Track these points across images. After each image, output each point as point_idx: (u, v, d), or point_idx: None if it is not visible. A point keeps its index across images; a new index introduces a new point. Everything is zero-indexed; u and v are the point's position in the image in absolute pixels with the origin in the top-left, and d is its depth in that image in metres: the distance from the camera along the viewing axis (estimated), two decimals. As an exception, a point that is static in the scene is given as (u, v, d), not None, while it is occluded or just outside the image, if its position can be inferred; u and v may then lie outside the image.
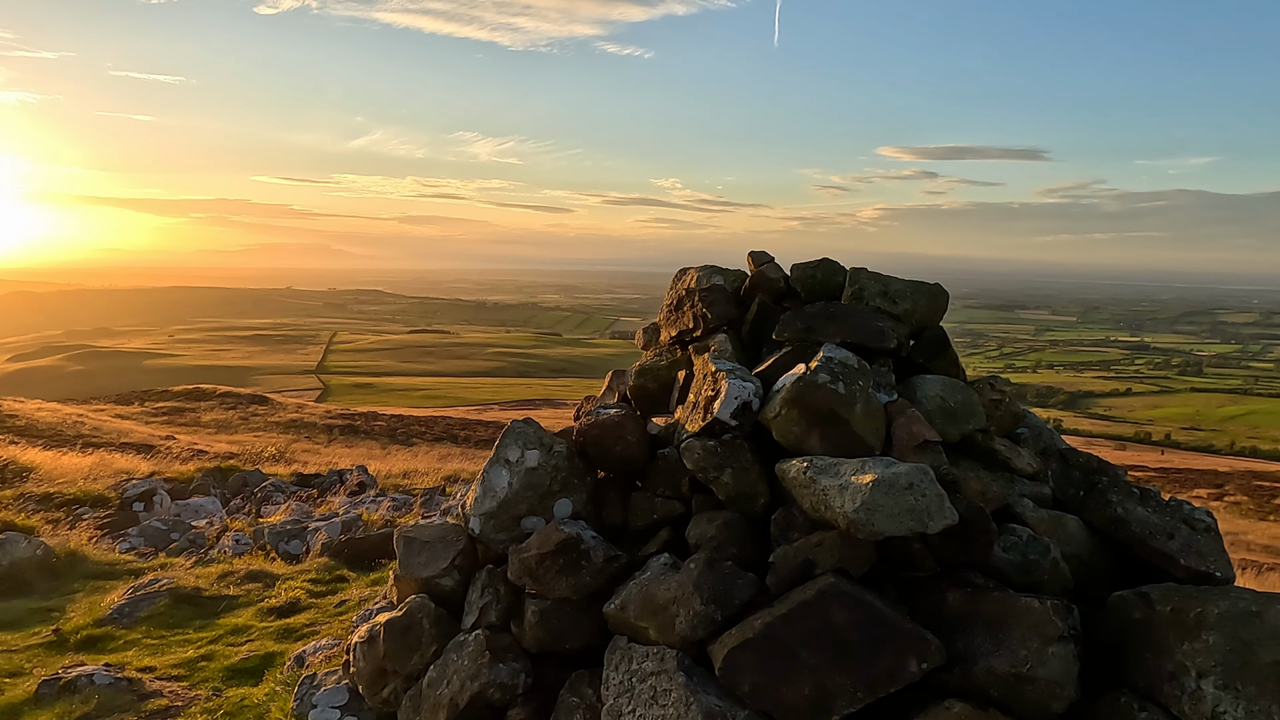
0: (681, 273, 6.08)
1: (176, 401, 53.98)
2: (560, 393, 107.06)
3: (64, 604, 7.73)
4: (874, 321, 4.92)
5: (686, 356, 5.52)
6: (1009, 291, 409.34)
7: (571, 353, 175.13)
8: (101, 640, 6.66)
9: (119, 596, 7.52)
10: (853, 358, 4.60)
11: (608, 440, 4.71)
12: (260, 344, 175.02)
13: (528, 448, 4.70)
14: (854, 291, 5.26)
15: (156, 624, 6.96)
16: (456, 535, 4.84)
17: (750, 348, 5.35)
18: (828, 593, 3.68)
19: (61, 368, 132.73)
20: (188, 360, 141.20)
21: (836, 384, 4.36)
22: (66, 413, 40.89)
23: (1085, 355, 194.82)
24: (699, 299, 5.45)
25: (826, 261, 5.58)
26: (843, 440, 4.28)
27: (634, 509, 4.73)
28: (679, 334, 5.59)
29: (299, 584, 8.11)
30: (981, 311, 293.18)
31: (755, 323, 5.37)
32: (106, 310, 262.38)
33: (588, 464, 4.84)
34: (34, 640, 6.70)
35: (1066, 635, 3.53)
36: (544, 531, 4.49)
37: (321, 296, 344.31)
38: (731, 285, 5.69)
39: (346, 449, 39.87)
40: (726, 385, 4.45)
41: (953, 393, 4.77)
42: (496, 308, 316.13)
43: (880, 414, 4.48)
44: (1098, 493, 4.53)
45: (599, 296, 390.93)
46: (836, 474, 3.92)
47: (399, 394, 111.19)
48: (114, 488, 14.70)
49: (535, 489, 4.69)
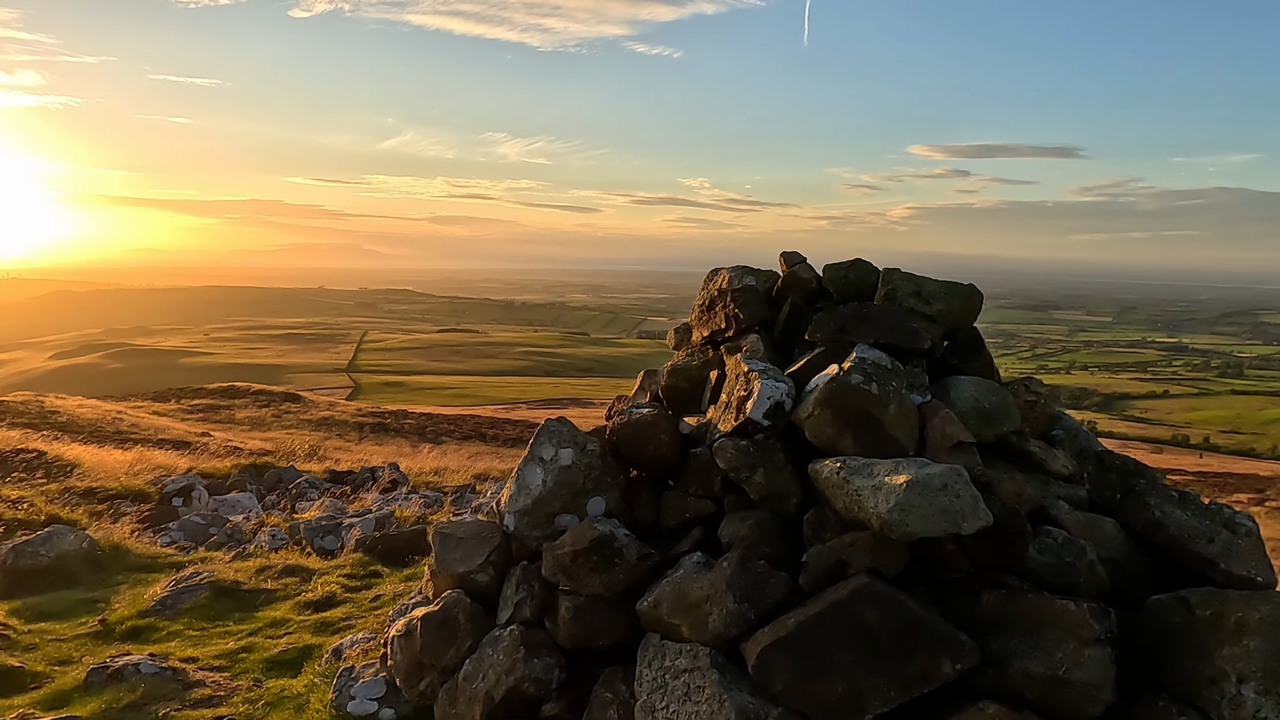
0: (713, 273, 6.10)
1: (211, 399, 54.97)
2: (588, 392, 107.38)
3: (109, 595, 7.95)
4: (907, 322, 4.91)
5: (718, 356, 5.55)
6: (1042, 291, 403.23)
7: (599, 352, 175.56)
8: (145, 631, 6.84)
9: (161, 589, 7.71)
10: (886, 358, 4.60)
11: (641, 439, 4.75)
12: (293, 343, 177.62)
13: (561, 446, 4.76)
14: (887, 292, 5.25)
15: (198, 616, 7.13)
16: (491, 532, 4.91)
17: (782, 348, 5.36)
18: (861, 592, 3.69)
19: (101, 365, 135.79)
20: (222, 358, 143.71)
21: (870, 384, 4.36)
22: (106, 409, 41.85)
23: (1121, 356, 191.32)
24: (731, 299, 5.48)
25: (859, 262, 5.57)
26: (876, 441, 4.29)
27: (666, 508, 4.77)
28: (711, 334, 5.62)
29: (334, 579, 8.26)
30: (1014, 312, 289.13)
31: (787, 323, 5.39)
32: (144, 309, 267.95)
33: (620, 463, 4.89)
34: (81, 630, 6.90)
35: (1103, 638, 3.51)
36: (578, 529, 4.54)
37: (352, 296, 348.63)
38: (763, 286, 5.71)
39: (377, 446, 40.36)
40: (759, 385, 4.48)
41: (987, 394, 4.75)
42: (525, 307, 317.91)
43: (914, 415, 4.47)
44: (1135, 495, 4.48)
45: (626, 296, 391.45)
46: (870, 474, 3.93)
47: (428, 392, 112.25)
48: (153, 483, 15.05)
49: (569, 487, 4.75)
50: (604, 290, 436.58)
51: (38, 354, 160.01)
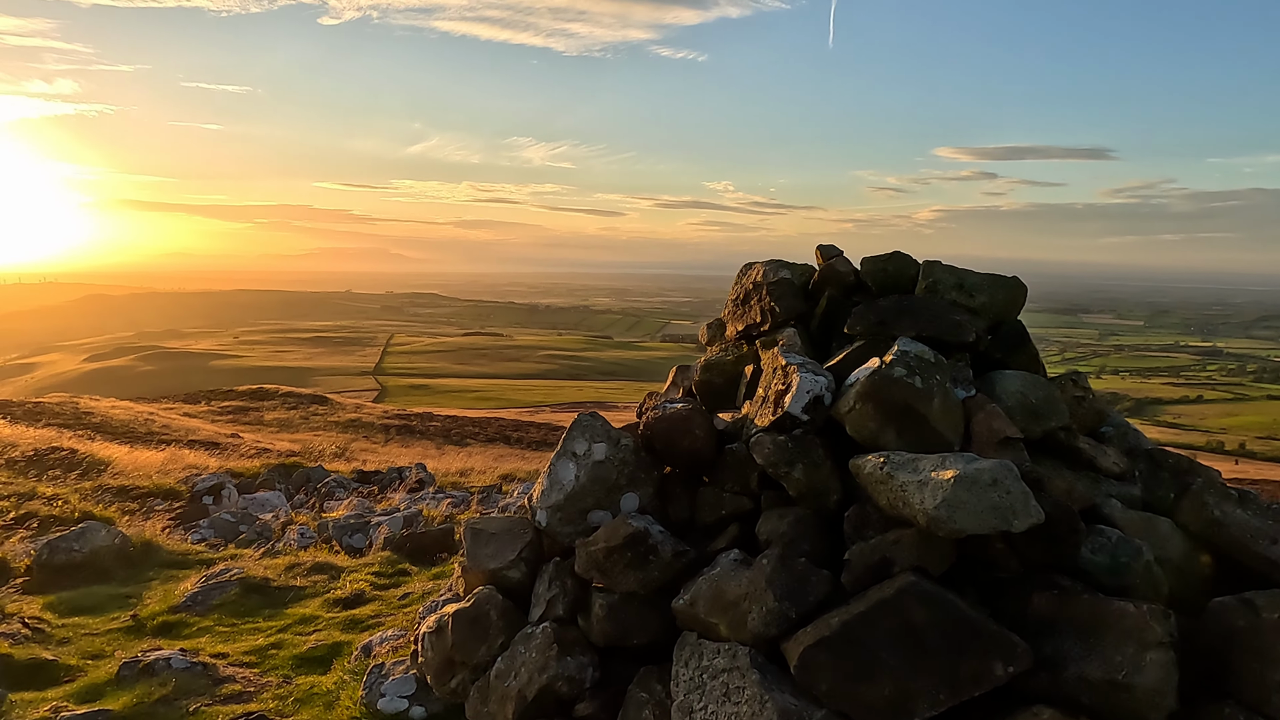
0: (747, 267, 5.99)
1: (241, 401, 55.69)
2: (612, 395, 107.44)
3: (140, 591, 7.99)
4: (950, 315, 4.77)
5: (753, 351, 5.43)
6: (1072, 295, 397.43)
7: (623, 355, 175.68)
8: (176, 626, 6.85)
9: (192, 585, 7.73)
10: (929, 351, 4.47)
11: (675, 434, 4.65)
12: (320, 345, 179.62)
13: (594, 441, 4.67)
14: (928, 285, 5.11)
15: (228, 612, 7.13)
16: (523, 528, 4.84)
17: (819, 343, 5.24)
18: (908, 591, 3.56)
19: (134, 367, 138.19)
20: (251, 361, 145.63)
21: (913, 378, 4.23)
22: (138, 410, 42.54)
23: (1153, 361, 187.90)
24: (766, 292, 5.36)
25: (898, 254, 5.44)
26: (920, 436, 4.15)
27: (701, 504, 4.66)
28: (745, 328, 5.51)
29: (363, 576, 8.24)
30: (1043, 315, 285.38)
31: (824, 317, 5.26)
32: (175, 312, 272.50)
33: (654, 458, 4.79)
34: (114, 625, 6.93)
35: (1165, 641, 3.35)
36: (611, 525, 4.45)
37: (379, 299, 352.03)
38: (799, 279, 5.59)
39: (403, 448, 40.62)
40: (798, 379, 4.36)
41: (1034, 389, 4.59)
42: (549, 311, 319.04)
43: (959, 409, 4.33)
44: (1192, 494, 4.31)
45: (650, 300, 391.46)
46: (915, 470, 3.79)
47: (453, 395, 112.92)
48: (184, 481, 15.20)
49: (602, 482, 4.66)
50: (628, 294, 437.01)
51: (73, 356, 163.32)
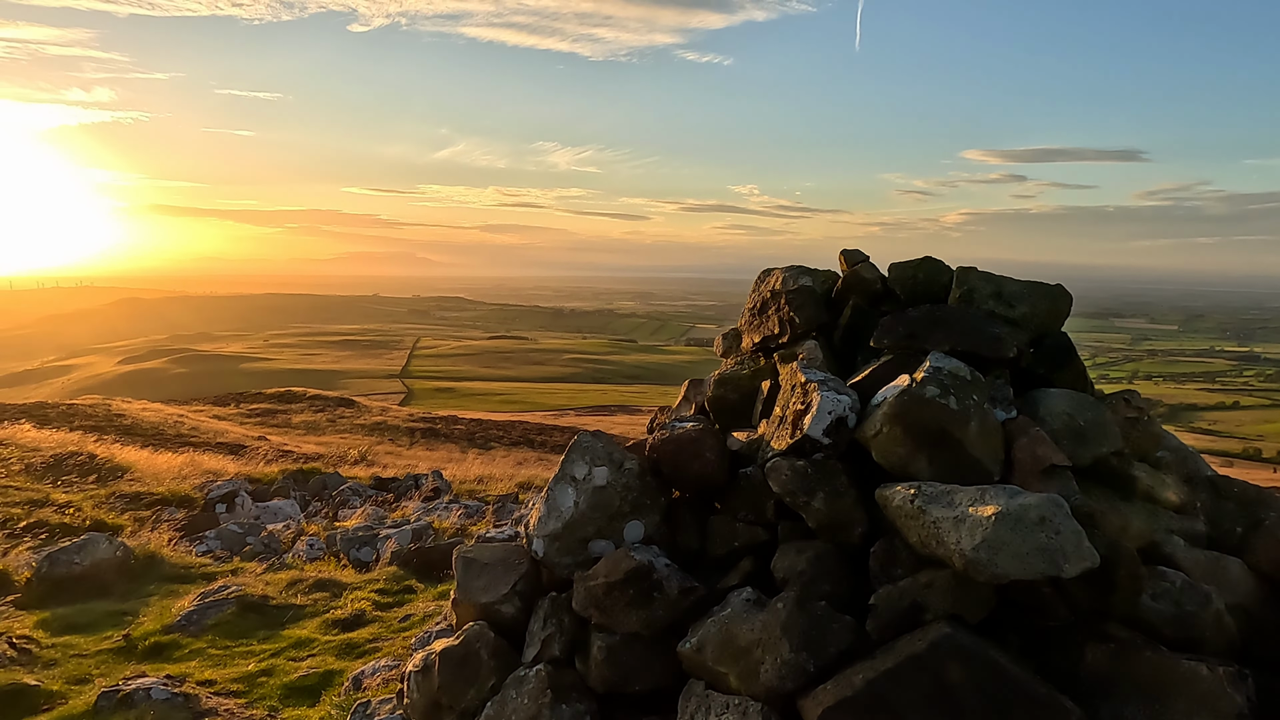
0: (765, 274, 5.58)
1: (269, 403, 56.19)
2: (635, 399, 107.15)
3: (138, 607, 7.74)
4: (988, 327, 4.32)
5: (771, 365, 5.02)
6: (1103, 299, 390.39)
7: (647, 359, 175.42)
8: (168, 648, 6.57)
9: (189, 602, 7.47)
10: (964, 368, 4.03)
11: (684, 458, 4.26)
12: (348, 349, 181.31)
13: (595, 464, 4.28)
14: (963, 294, 4.67)
15: (222, 633, 6.85)
16: (518, 557, 4.47)
17: (843, 356, 4.81)
18: (942, 646, 3.13)
19: (166, 370, 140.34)
20: (281, 364, 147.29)
21: (947, 398, 3.80)
22: (169, 413, 43.02)
23: (1187, 366, 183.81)
24: (785, 302, 4.95)
25: (929, 260, 5.00)
26: (955, 463, 3.72)
27: (712, 534, 4.26)
28: (763, 340, 5.10)
29: (366, 594, 7.93)
30: (1073, 320, 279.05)
31: (849, 328, 4.84)
32: (208, 315, 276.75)
33: (661, 482, 4.40)
34: (104, 645, 6.67)
35: (1245, 712, 2.90)
36: (613, 557, 4.06)
37: (406, 303, 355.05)
38: (821, 287, 5.17)
39: (427, 451, 40.59)
40: (819, 398, 3.94)
41: (1081, 409, 4.13)
42: (573, 314, 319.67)
43: (998, 433, 3.89)
44: (1265, 531, 3.83)
45: (675, 303, 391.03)
46: (950, 504, 3.36)
47: (479, 398, 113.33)
48: (200, 488, 15.06)
49: (603, 510, 4.27)
50: (652, 297, 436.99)
51: (108, 358, 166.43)
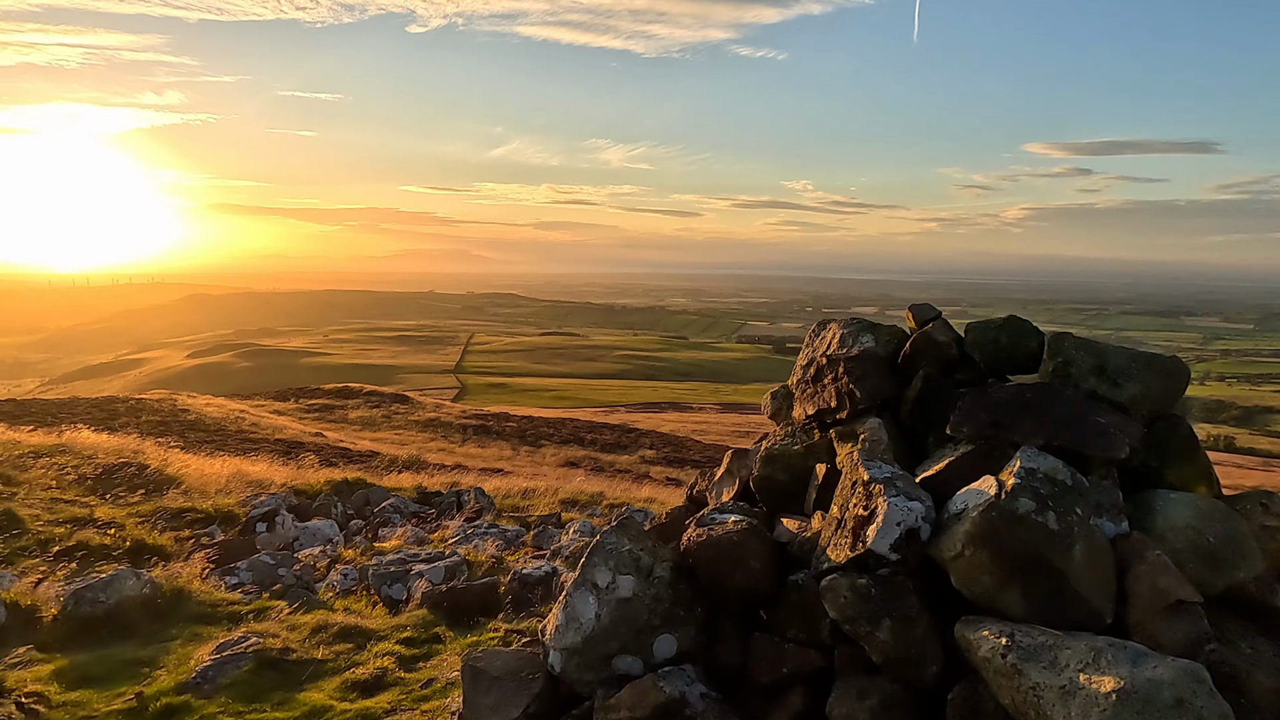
0: (820, 327, 4.94)
1: (327, 399, 57.26)
2: (686, 396, 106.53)
3: (158, 655, 7.44)
4: (1091, 414, 3.61)
5: (827, 441, 4.38)
6: (1173, 296, 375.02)
7: (698, 356, 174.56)
8: (179, 711, 6.21)
9: (207, 654, 7.13)
10: (1064, 469, 3.34)
11: (724, 566, 3.66)
12: (404, 344, 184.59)
13: (620, 571, 3.71)
14: (1057, 366, 3.95)
15: (235, 695, 6.47)
16: (533, 670, 3.92)
17: (912, 435, 4.15)
18: None
19: (231, 364, 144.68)
20: (340, 359, 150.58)
21: (1044, 514, 3.12)
22: (231, 408, 44.04)
23: (1263, 366, 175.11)
24: (844, 370, 4.30)
25: (1013, 321, 4.30)
26: (1055, 599, 3.04)
27: (757, 653, 3.65)
28: (817, 413, 4.46)
29: (391, 646, 7.51)
30: (1140, 318, 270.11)
31: (919, 404, 4.16)
32: (271, 311, 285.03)
33: (696, 589, 3.80)
34: (115, 705, 6.35)
35: None
36: (639, 687, 3.49)
37: (460, 300, 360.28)
38: (885, 349, 4.50)
39: (478, 449, 40.68)
40: (885, 505, 3.30)
41: (1210, 520, 3.40)
42: (624, 311, 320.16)
43: (1108, 558, 3.19)
44: None
45: (726, 300, 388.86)
46: (1054, 664, 2.70)
47: (530, 394, 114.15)
48: (244, 503, 14.95)
49: (629, 623, 3.70)
50: (703, 294, 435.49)
51: (177, 352, 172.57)
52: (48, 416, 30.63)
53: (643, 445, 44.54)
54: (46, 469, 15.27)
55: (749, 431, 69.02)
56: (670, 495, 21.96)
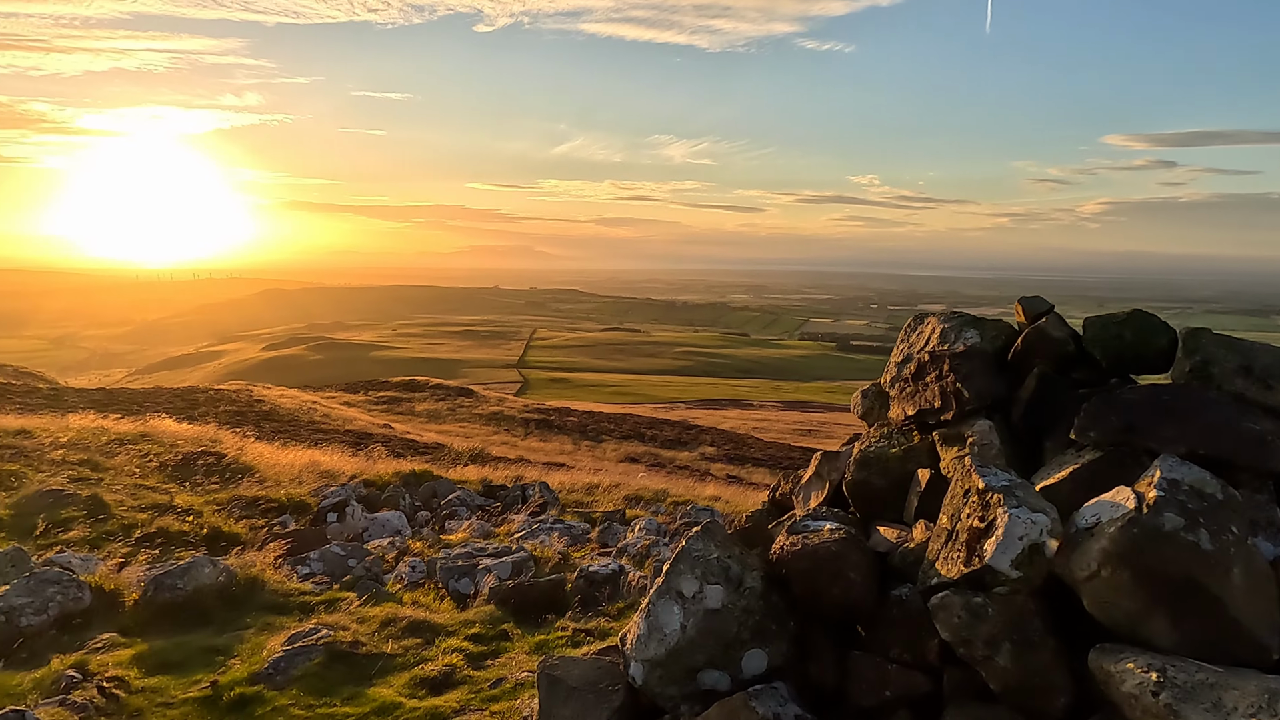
0: (917, 321, 4.60)
1: (395, 391, 58.62)
2: (747, 393, 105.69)
3: (232, 643, 7.51)
4: (1242, 420, 3.22)
5: (928, 444, 4.05)
6: (1265, 294, 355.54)
7: (759, 354, 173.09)
8: (251, 704, 6.23)
9: (279, 645, 7.16)
10: (1212, 481, 2.96)
11: (821, 579, 3.38)
12: (469, 339, 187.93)
13: (708, 580, 3.46)
14: (1195, 366, 3.55)
15: (306, 687, 6.46)
16: (613, 682, 3.71)
17: (1024, 440, 3.80)
18: None
19: (304, 357, 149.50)
20: (407, 353, 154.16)
21: (1195, 532, 2.76)
22: (304, 399, 45.44)
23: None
24: (949, 368, 3.96)
25: (1139, 315, 3.89)
26: (1210, 630, 2.68)
27: (856, 674, 3.36)
28: (918, 413, 4.13)
29: (459, 642, 7.44)
30: (1228, 318, 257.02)
31: (1033, 405, 3.80)
32: (341, 305, 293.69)
33: (788, 601, 3.53)
34: (192, 693, 6.41)
35: None
36: (729, 706, 3.24)
37: (524, 295, 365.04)
38: (993, 345, 4.14)
39: (540, 443, 40.99)
40: (1005, 517, 2.98)
41: (1385, 542, 2.98)
42: (685, 307, 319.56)
43: (1270, 584, 2.81)
44: None
45: (788, 297, 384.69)
46: (1218, 707, 2.36)
47: (591, 389, 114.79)
48: (315, 493, 15.22)
49: (717, 637, 3.45)
50: (766, 290, 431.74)
51: (253, 345, 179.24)
52: (133, 405, 31.99)
53: (703, 442, 44.29)
54: (131, 456, 15.80)
55: (811, 429, 67.96)
56: (734, 494, 21.62)
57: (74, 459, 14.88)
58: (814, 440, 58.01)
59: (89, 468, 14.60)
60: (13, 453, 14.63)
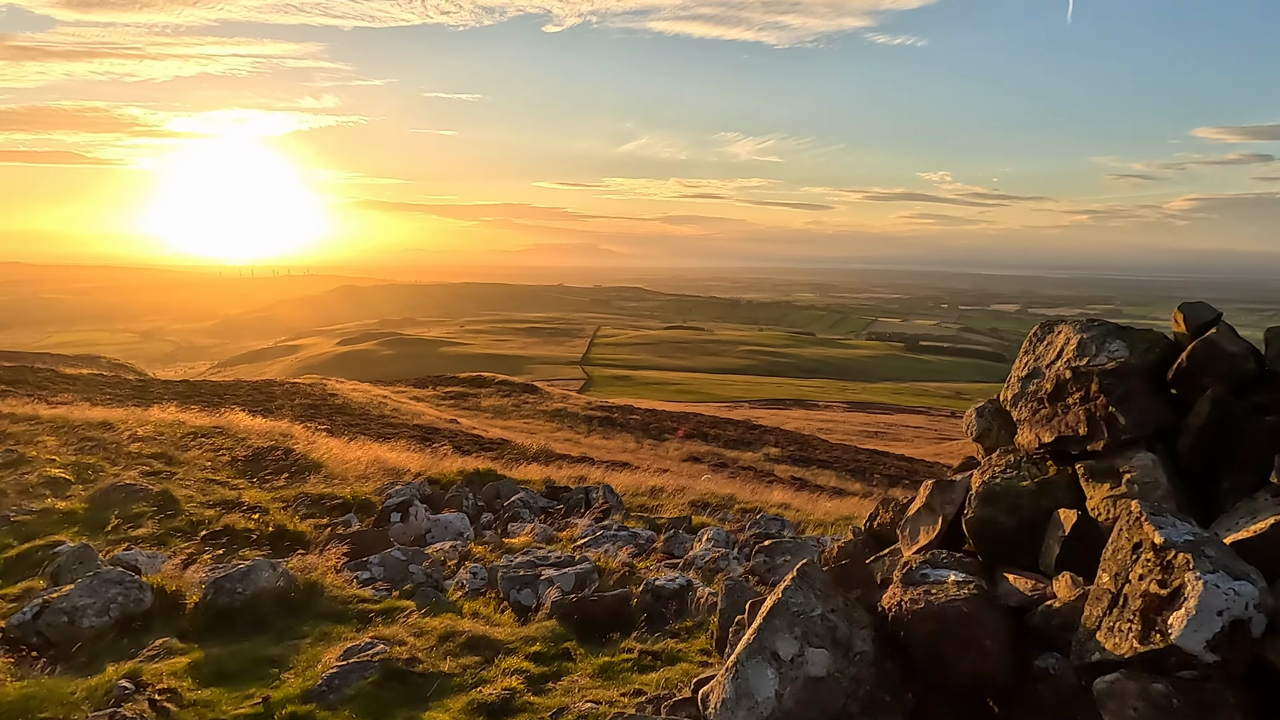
0: (1046, 329, 3.95)
1: (462, 387, 59.48)
2: (812, 394, 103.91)
3: (288, 654, 7.26)
4: None
5: (1067, 479, 3.41)
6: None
7: (825, 353, 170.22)
8: (303, 723, 5.94)
9: (334, 659, 6.86)
10: None
11: (949, 646, 2.80)
12: (534, 336, 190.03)
13: (810, 643, 2.91)
14: None
15: (359, 708, 6.13)
16: (693, 751, 3.21)
17: (1194, 476, 3.13)
18: None
19: (376, 352, 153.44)
20: (474, 349, 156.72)
21: None
22: (375, 394, 46.36)
23: None
24: (1099, 388, 3.31)
25: (1339, 326, 3.19)
26: None
27: (990, 762, 2.78)
28: (1056, 440, 3.49)
29: (519, 662, 7.03)
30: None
31: (1205, 434, 3.14)
32: (412, 302, 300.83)
33: (904, 668, 2.96)
34: (243, 708, 6.14)
35: None
36: (835, 798, 2.70)
37: (588, 293, 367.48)
38: (1142, 359, 3.48)
39: (603, 440, 40.83)
40: (1199, 587, 2.36)
41: None
42: (750, 306, 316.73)
43: None
44: None
45: (856, 296, 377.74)
46: None
47: (654, 387, 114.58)
48: (380, 491, 15.13)
49: (821, 709, 2.90)
50: (832, 289, 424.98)
51: (328, 340, 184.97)
52: (213, 398, 32.95)
53: (767, 443, 43.48)
54: (203, 450, 15.99)
55: (878, 431, 66.24)
56: (802, 500, 20.85)
57: (149, 452, 15.10)
58: (881, 443, 56.42)
59: (163, 461, 14.78)
60: (93, 445, 14.92)
